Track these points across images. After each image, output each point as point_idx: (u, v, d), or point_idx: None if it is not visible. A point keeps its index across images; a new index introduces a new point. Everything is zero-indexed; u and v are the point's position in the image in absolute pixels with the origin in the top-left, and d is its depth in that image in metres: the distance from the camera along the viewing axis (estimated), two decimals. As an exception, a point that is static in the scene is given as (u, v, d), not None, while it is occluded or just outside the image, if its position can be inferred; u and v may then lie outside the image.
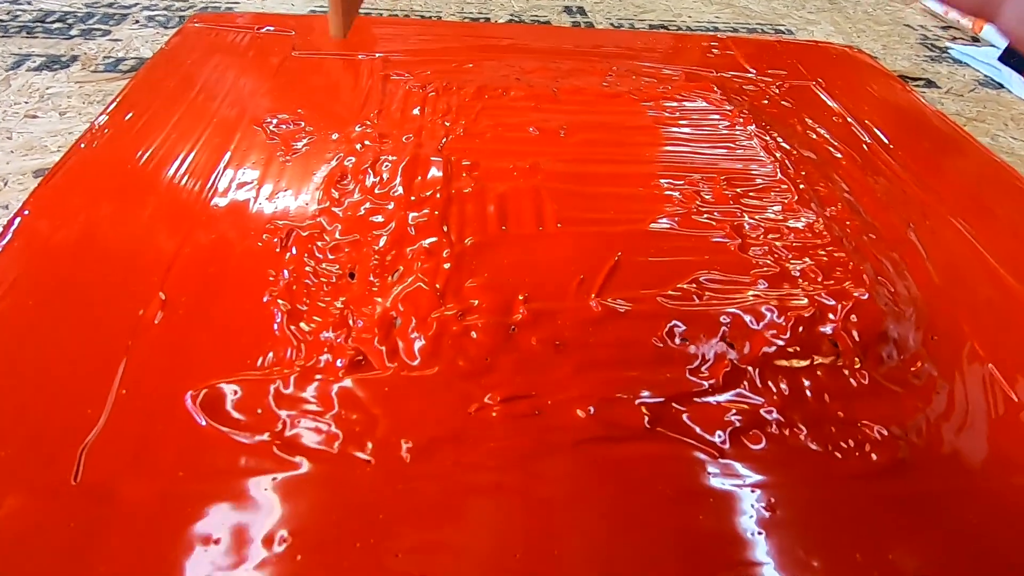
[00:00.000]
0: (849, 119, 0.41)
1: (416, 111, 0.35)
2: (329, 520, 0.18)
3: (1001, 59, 0.50)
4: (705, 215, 0.29)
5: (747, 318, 0.24)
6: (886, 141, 0.39)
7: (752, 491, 0.19)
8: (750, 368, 0.23)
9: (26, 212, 0.26)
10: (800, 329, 0.24)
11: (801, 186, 0.31)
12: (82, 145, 0.30)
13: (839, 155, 0.37)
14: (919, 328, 0.25)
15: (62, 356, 0.21)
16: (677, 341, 0.23)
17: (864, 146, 0.38)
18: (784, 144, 0.36)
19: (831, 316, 0.24)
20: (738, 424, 0.21)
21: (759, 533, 0.18)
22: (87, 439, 0.19)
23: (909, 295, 0.27)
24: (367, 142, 0.32)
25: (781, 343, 0.23)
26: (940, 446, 0.22)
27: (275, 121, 0.34)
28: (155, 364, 0.21)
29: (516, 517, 0.18)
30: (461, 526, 0.18)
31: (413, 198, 0.28)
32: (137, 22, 0.44)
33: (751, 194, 0.31)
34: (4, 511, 0.17)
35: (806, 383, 0.23)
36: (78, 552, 0.17)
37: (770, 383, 0.22)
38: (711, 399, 0.22)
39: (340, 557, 0.17)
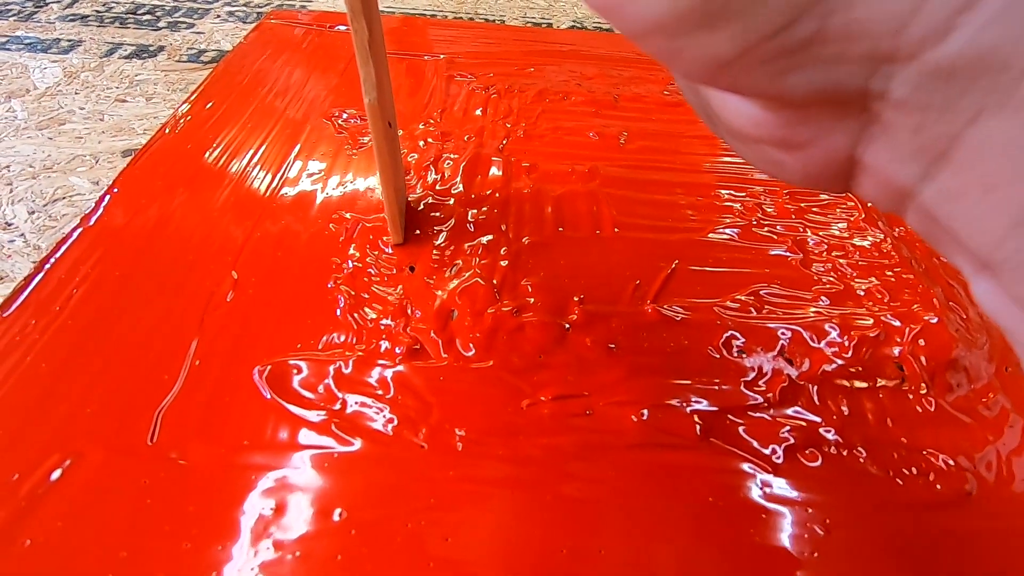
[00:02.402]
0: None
1: (478, 112, 0.36)
2: (383, 499, 0.18)
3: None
4: (766, 228, 0.29)
5: (807, 334, 0.23)
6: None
7: (807, 510, 0.19)
8: (809, 385, 0.22)
9: (115, 190, 0.28)
10: (864, 350, 0.23)
11: (868, 204, 0.31)
12: (166, 130, 0.32)
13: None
14: (992, 358, 0.24)
15: (142, 325, 0.23)
16: (734, 353, 0.23)
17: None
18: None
19: (898, 338, 0.23)
20: (794, 441, 0.21)
21: (814, 554, 0.18)
22: (163, 403, 0.20)
23: (982, 322, 0.25)
24: (430, 140, 0.33)
25: (842, 362, 0.23)
26: (1011, 482, 0.21)
27: (344, 116, 0.35)
28: (226, 338, 0.22)
29: (565, 514, 0.18)
30: (510, 518, 0.18)
31: (473, 196, 0.29)
32: (218, 17, 0.47)
33: (815, 209, 0.30)
34: (84, 465, 0.19)
35: (868, 405, 0.22)
36: (147, 508, 0.18)
37: (829, 402, 0.22)
38: (766, 414, 0.21)
39: (392, 536, 0.17)
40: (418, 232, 0.27)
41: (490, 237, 0.27)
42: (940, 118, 0.08)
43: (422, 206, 0.28)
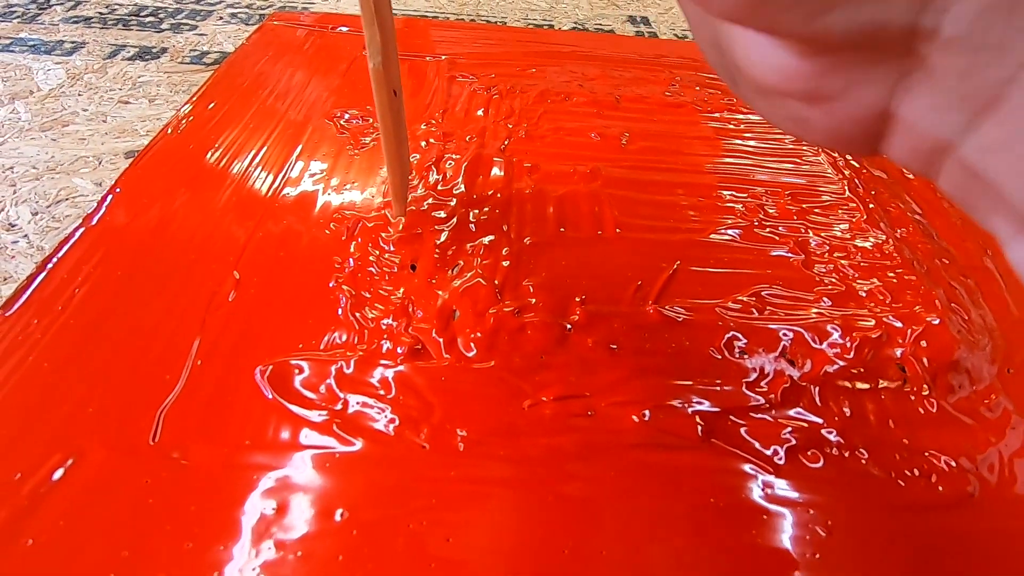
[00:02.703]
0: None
1: (480, 112, 0.36)
2: (384, 499, 0.18)
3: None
4: (768, 229, 0.29)
5: (809, 335, 0.23)
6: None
7: (809, 511, 0.19)
8: (810, 386, 0.22)
9: (117, 190, 0.28)
10: (866, 351, 0.23)
11: (871, 205, 0.31)
12: (168, 131, 0.32)
13: (911, 175, 0.35)
14: (994, 359, 0.24)
15: (144, 325, 0.23)
16: (736, 353, 0.23)
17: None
18: (853, 162, 0.35)
19: (899, 340, 0.23)
20: (795, 442, 0.21)
21: (815, 556, 0.18)
22: (165, 403, 0.20)
23: (984, 324, 0.25)
24: (432, 140, 0.33)
25: (844, 363, 0.23)
26: (1014, 484, 0.21)
27: (346, 116, 0.35)
28: (228, 338, 0.22)
29: (566, 514, 0.18)
30: (511, 518, 0.18)
31: (475, 196, 0.29)
32: (221, 18, 0.47)
33: (817, 211, 0.30)
34: (86, 464, 0.19)
35: (869, 406, 0.22)
36: (149, 508, 0.18)
37: (831, 403, 0.22)
38: (768, 415, 0.21)
39: (393, 536, 0.17)
40: (420, 231, 0.27)
41: (492, 237, 0.27)
42: (994, 58, 0.07)
43: (424, 206, 0.28)
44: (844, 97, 0.09)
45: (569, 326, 0.23)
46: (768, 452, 0.20)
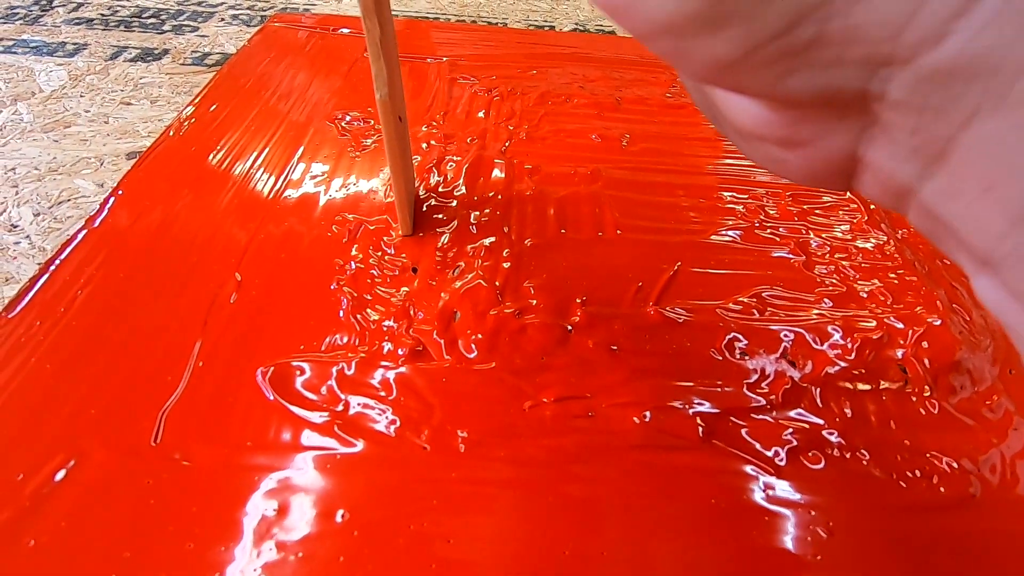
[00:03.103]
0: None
1: (481, 114, 0.36)
2: (385, 500, 0.18)
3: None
4: (769, 230, 0.29)
5: (810, 336, 0.23)
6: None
7: (810, 513, 0.19)
8: (811, 387, 0.22)
9: (119, 192, 0.28)
10: (867, 352, 0.23)
11: (872, 206, 0.30)
12: (171, 133, 0.33)
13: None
14: (996, 360, 0.24)
15: (145, 327, 0.23)
16: (736, 355, 0.23)
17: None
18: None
19: (901, 341, 0.23)
20: (796, 443, 0.21)
21: (817, 557, 0.18)
22: (167, 404, 0.20)
23: (986, 325, 0.25)
24: (433, 142, 0.33)
25: (845, 364, 0.23)
26: (1015, 485, 0.20)
27: (348, 118, 0.35)
28: (229, 340, 0.22)
29: (567, 515, 0.18)
30: (512, 519, 0.18)
31: (476, 198, 0.29)
32: (223, 20, 0.47)
33: (818, 211, 0.30)
34: (88, 466, 0.19)
35: (871, 407, 0.22)
36: (151, 509, 0.18)
37: (832, 405, 0.22)
38: (769, 416, 0.21)
39: (394, 537, 0.17)
40: (421, 234, 0.27)
41: (492, 239, 0.27)
42: (937, 119, 0.08)
43: (425, 208, 0.28)
44: (815, 143, 0.10)
45: (570, 327, 0.23)
46: (769, 453, 0.20)
